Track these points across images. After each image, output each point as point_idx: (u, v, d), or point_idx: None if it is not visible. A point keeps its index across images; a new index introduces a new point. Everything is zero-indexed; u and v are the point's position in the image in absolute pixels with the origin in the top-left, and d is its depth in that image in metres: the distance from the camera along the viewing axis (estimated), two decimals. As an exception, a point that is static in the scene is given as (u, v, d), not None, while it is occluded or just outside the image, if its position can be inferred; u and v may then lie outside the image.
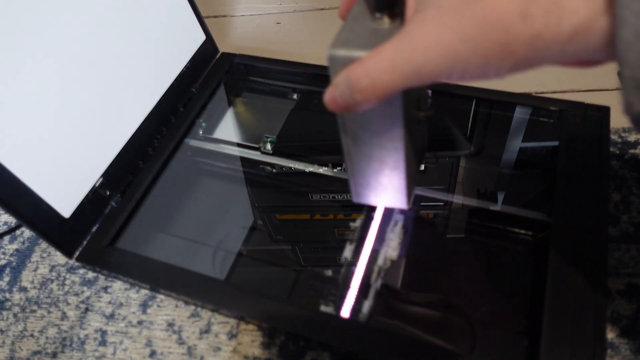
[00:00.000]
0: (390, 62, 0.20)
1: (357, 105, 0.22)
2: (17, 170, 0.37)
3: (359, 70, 0.21)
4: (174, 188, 0.51)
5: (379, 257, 0.41)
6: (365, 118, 0.27)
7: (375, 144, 0.28)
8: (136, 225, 0.46)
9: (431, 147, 0.50)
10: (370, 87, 0.21)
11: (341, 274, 0.41)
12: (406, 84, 0.21)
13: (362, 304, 0.39)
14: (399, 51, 0.20)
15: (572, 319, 0.33)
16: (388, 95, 0.21)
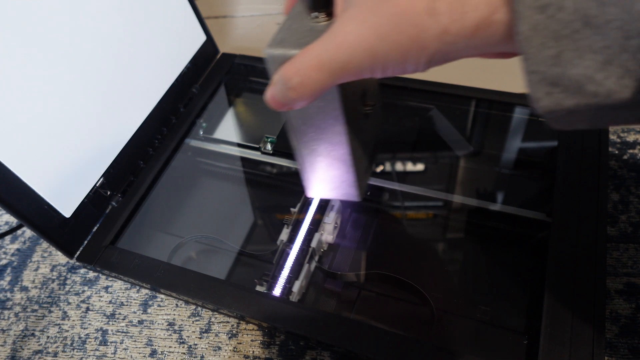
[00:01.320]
0: (318, 59, 0.21)
1: (293, 103, 0.23)
2: (18, 170, 0.37)
3: (290, 68, 0.22)
4: (174, 188, 0.51)
5: (313, 240, 0.42)
6: (307, 114, 0.27)
7: (320, 138, 0.29)
8: (137, 225, 0.46)
9: (431, 147, 0.50)
10: (301, 85, 0.22)
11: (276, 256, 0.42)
12: (335, 80, 0.22)
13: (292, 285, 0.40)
14: (324, 49, 0.21)
15: (571, 319, 0.33)
16: (320, 91, 0.22)
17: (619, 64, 0.15)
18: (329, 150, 0.30)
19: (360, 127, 0.30)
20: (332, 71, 0.21)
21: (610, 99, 0.16)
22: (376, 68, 0.20)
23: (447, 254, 0.44)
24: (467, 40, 0.19)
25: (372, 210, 0.47)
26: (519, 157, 0.48)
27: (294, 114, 0.28)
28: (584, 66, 0.16)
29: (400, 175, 0.48)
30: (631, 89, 0.16)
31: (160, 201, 0.49)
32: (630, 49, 0.15)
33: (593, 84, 0.16)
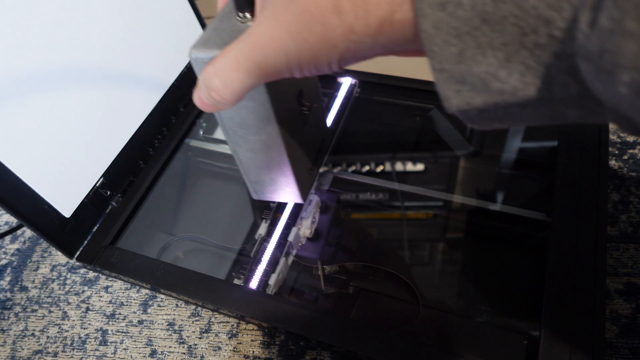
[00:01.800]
0: (234, 60, 0.21)
1: (217, 104, 0.23)
2: (18, 170, 0.37)
3: (210, 69, 0.22)
4: (174, 188, 0.51)
5: (290, 234, 0.43)
6: (240, 115, 0.27)
7: (255, 140, 0.29)
8: (137, 225, 0.46)
9: (431, 147, 0.50)
10: (221, 86, 0.22)
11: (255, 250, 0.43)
12: (254, 80, 0.21)
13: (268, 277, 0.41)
14: (240, 49, 0.21)
15: (571, 318, 0.33)
16: (241, 92, 0.22)
17: (520, 61, 0.15)
18: (265, 152, 0.29)
19: (298, 128, 0.30)
20: (250, 71, 0.21)
21: (516, 96, 0.16)
22: (292, 67, 0.20)
23: (447, 254, 0.44)
24: (373, 39, 0.18)
25: (355, 206, 0.47)
26: (519, 157, 0.48)
27: (227, 116, 0.28)
28: (487, 63, 0.16)
29: (400, 175, 0.48)
30: (534, 86, 0.16)
31: (160, 201, 0.49)
32: (528, 45, 0.15)
33: (498, 81, 0.16)
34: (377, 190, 0.48)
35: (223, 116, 0.28)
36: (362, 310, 0.40)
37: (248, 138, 0.29)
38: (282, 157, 0.29)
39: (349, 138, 0.51)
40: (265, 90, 0.25)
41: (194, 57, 0.24)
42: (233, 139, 0.29)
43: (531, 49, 0.15)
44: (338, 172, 0.49)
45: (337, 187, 0.49)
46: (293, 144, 0.30)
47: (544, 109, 0.17)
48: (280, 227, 0.44)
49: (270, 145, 0.29)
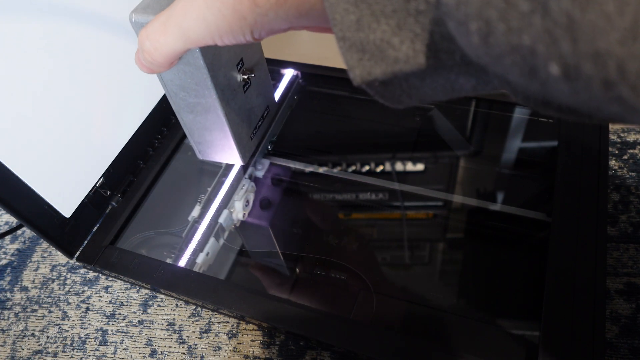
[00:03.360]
0: (163, 25, 0.22)
1: (151, 66, 0.24)
2: (18, 170, 0.37)
3: (143, 32, 0.23)
4: (174, 188, 0.51)
5: (220, 216, 0.45)
6: (179, 79, 0.29)
7: (195, 102, 0.30)
8: (137, 225, 0.46)
9: (431, 147, 0.50)
10: (152, 49, 0.23)
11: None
12: (182, 45, 0.23)
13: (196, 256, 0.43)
14: (169, 16, 0.22)
15: (571, 319, 0.33)
16: (172, 55, 0.24)
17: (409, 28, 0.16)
18: (205, 114, 0.31)
19: (238, 94, 0.32)
20: (175, 36, 0.22)
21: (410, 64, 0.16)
22: (213, 35, 0.21)
23: (447, 254, 0.44)
24: (276, 12, 0.19)
25: (355, 206, 0.47)
26: (519, 157, 0.48)
27: (168, 78, 0.29)
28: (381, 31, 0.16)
29: (400, 175, 0.48)
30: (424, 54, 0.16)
31: (160, 201, 0.49)
32: (412, 12, 0.15)
33: (392, 49, 0.16)
34: (376, 191, 0.48)
35: (164, 79, 0.29)
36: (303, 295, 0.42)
37: (188, 101, 0.30)
38: (220, 120, 0.31)
39: (349, 138, 0.51)
40: (201, 56, 0.27)
41: (133, 20, 0.26)
42: (175, 101, 0.31)
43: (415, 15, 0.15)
44: (338, 171, 0.49)
45: (337, 187, 0.49)
46: (232, 109, 0.31)
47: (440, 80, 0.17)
48: (212, 209, 0.45)
49: (209, 109, 0.30)
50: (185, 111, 0.32)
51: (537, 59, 0.12)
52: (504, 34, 0.12)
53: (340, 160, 0.49)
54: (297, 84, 0.54)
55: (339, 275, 0.42)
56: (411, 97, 0.18)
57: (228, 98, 0.30)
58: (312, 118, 0.53)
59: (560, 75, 0.12)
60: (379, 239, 0.46)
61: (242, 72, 0.31)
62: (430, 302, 0.40)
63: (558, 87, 0.12)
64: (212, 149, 0.35)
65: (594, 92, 0.11)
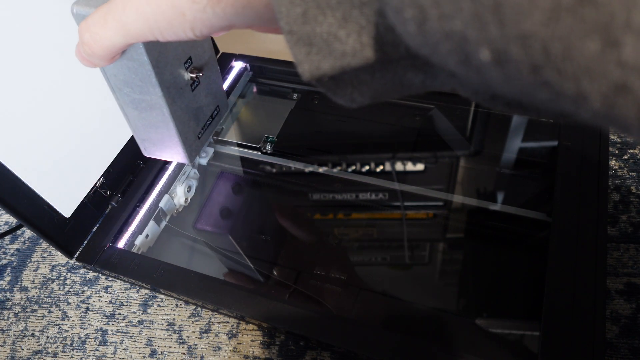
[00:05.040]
0: (103, 18, 0.22)
1: (90, 58, 0.24)
2: (18, 170, 0.37)
3: (83, 24, 0.23)
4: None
5: (161, 201, 0.46)
6: (123, 74, 0.28)
7: (139, 99, 0.30)
8: (136, 225, 0.46)
9: (431, 147, 0.50)
10: (91, 41, 0.23)
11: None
12: (123, 40, 0.22)
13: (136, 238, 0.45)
14: (109, 9, 0.21)
15: (571, 319, 0.33)
16: (111, 49, 0.23)
17: (354, 20, 0.15)
18: (150, 111, 0.30)
19: (186, 92, 0.31)
20: (115, 30, 0.21)
21: (357, 58, 0.16)
22: (153, 31, 0.21)
23: (447, 254, 0.44)
24: (213, 9, 0.19)
25: (354, 206, 0.47)
26: (519, 157, 0.48)
27: (111, 73, 0.28)
28: (327, 23, 0.16)
29: (400, 175, 0.48)
30: (370, 47, 0.16)
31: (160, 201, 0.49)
32: (356, 3, 0.15)
33: (338, 42, 0.16)
34: (376, 191, 0.48)
35: (108, 73, 0.29)
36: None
37: (133, 97, 0.30)
38: (166, 118, 0.30)
39: (350, 138, 0.51)
40: (145, 52, 0.26)
41: (75, 12, 0.25)
42: (119, 97, 0.30)
43: (360, 7, 0.15)
44: (338, 171, 0.49)
45: (337, 187, 0.49)
46: (179, 107, 0.31)
47: (389, 75, 0.17)
48: (154, 193, 0.47)
49: (154, 106, 0.30)
50: (130, 107, 0.31)
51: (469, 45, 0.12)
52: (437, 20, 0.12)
53: (340, 160, 0.49)
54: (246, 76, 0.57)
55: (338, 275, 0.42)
56: (362, 94, 0.18)
57: (174, 96, 0.30)
58: (312, 118, 0.53)
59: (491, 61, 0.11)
60: (379, 239, 0.46)
61: (190, 71, 0.31)
62: (430, 302, 0.40)
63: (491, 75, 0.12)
64: (157, 147, 0.34)
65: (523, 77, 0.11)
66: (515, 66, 0.11)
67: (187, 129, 0.32)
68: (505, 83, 0.12)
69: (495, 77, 0.12)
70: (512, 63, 0.11)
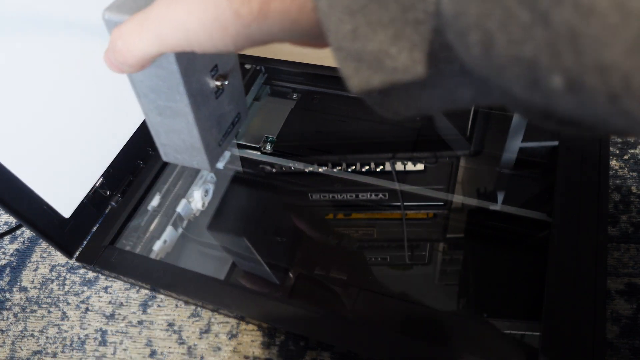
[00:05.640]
0: (138, 27, 0.22)
1: (121, 66, 0.24)
2: (18, 171, 0.37)
3: (116, 31, 0.23)
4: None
5: (178, 206, 0.46)
6: (150, 81, 0.28)
7: (164, 106, 0.30)
8: (136, 225, 0.46)
9: (431, 146, 0.50)
10: (124, 49, 0.23)
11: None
12: (157, 49, 0.22)
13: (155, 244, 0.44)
14: (145, 18, 0.21)
15: (571, 319, 0.33)
16: (144, 58, 0.23)
17: (407, 38, 0.16)
18: (174, 118, 0.31)
19: (210, 100, 0.31)
20: (150, 41, 0.21)
21: (408, 74, 0.16)
22: (192, 43, 0.21)
23: (447, 254, 0.44)
24: (258, 25, 0.19)
25: (354, 206, 0.47)
26: (519, 157, 0.48)
27: (138, 79, 0.29)
28: (378, 41, 0.16)
29: (400, 175, 0.48)
30: (423, 63, 0.16)
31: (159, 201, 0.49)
32: (410, 21, 0.15)
33: (389, 58, 0.16)
34: (376, 191, 0.48)
35: (134, 79, 0.29)
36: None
37: (158, 103, 0.30)
38: (190, 126, 0.31)
39: (349, 138, 0.51)
40: (175, 61, 0.26)
41: (107, 18, 0.25)
42: (144, 102, 0.31)
43: (414, 25, 0.15)
44: (338, 171, 0.49)
45: (337, 187, 0.49)
46: (203, 115, 0.31)
47: (439, 90, 0.17)
48: (170, 199, 0.47)
49: (179, 113, 0.30)
50: (154, 113, 0.31)
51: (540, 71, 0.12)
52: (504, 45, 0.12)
53: (340, 160, 0.49)
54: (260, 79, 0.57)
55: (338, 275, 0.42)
56: (409, 108, 0.18)
57: (199, 104, 0.30)
58: (312, 118, 0.53)
59: (564, 88, 0.11)
60: (379, 239, 0.46)
61: (216, 79, 0.31)
62: (430, 302, 0.40)
63: (561, 100, 0.12)
64: (178, 153, 0.34)
65: (598, 105, 0.11)
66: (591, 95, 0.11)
67: (209, 136, 0.32)
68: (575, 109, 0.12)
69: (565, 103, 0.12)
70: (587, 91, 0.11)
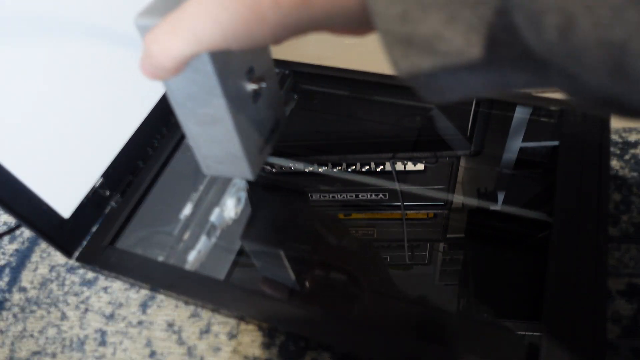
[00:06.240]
0: (172, 27, 0.21)
1: (158, 71, 0.23)
2: (17, 171, 0.37)
3: (150, 36, 0.22)
4: (174, 188, 0.51)
5: (212, 215, 0.45)
6: (187, 87, 0.27)
7: (202, 113, 0.29)
8: (136, 225, 0.46)
9: (431, 146, 0.50)
10: (160, 53, 0.22)
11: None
12: (193, 49, 0.21)
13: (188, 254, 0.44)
14: (178, 18, 0.21)
15: (572, 319, 0.33)
16: (180, 60, 0.22)
17: (463, 20, 0.15)
18: (214, 126, 0.30)
19: (248, 104, 0.30)
20: (186, 40, 0.21)
21: (462, 57, 0.16)
22: (228, 39, 0.20)
23: (447, 254, 0.44)
24: (299, 12, 0.18)
25: (354, 206, 0.47)
26: (519, 157, 0.48)
27: (175, 87, 0.28)
28: (430, 23, 0.15)
29: (400, 175, 0.48)
30: (478, 47, 0.15)
31: (159, 201, 0.49)
32: (469, 3, 0.15)
33: (443, 41, 0.16)
34: (376, 191, 0.48)
35: (171, 87, 0.28)
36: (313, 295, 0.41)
37: (196, 111, 0.29)
38: (230, 132, 0.30)
39: (349, 138, 0.51)
40: (210, 62, 0.25)
41: (140, 24, 0.24)
42: (182, 112, 0.30)
43: (473, 6, 0.15)
44: (338, 171, 0.49)
45: (337, 187, 0.49)
46: (242, 120, 0.30)
47: (491, 74, 0.16)
48: (203, 207, 0.46)
49: (219, 119, 0.29)
50: (193, 122, 0.30)
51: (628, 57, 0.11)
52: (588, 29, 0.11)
53: (340, 160, 0.49)
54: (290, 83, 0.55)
55: (339, 276, 0.42)
56: (455, 91, 0.17)
57: (238, 108, 0.29)
58: (312, 118, 0.53)
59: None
60: (379, 239, 0.46)
61: (253, 81, 0.30)
62: (430, 302, 0.40)
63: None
64: (220, 164, 0.33)
65: None
66: None
67: (250, 143, 0.32)
68: None
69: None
70: None
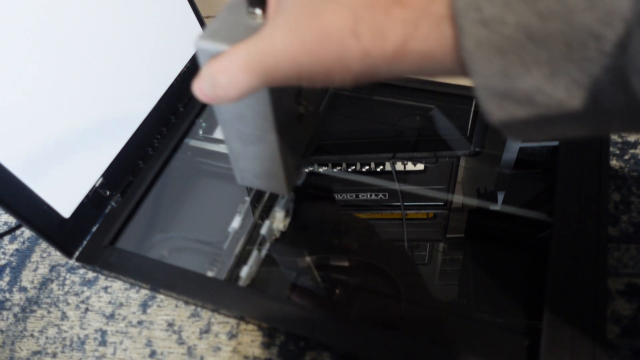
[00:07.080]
0: (245, 61, 0.21)
1: (220, 100, 0.23)
2: (17, 171, 0.37)
3: (218, 65, 0.22)
4: (174, 188, 0.51)
5: (262, 227, 0.44)
6: (238, 109, 0.28)
7: (249, 133, 0.29)
8: (136, 225, 0.46)
9: (431, 146, 0.50)
10: (227, 84, 0.22)
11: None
12: (262, 83, 0.21)
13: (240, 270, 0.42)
14: (253, 52, 0.21)
15: (572, 319, 0.33)
16: (246, 92, 0.22)
17: (566, 75, 0.15)
18: (258, 145, 0.30)
19: (293, 126, 0.31)
20: (259, 76, 0.21)
21: (561, 109, 0.16)
22: (302, 79, 0.20)
23: (447, 254, 0.44)
24: (388, 65, 0.18)
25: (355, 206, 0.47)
26: (519, 157, 0.48)
27: (225, 108, 0.28)
28: (531, 78, 0.16)
29: (400, 175, 0.48)
30: (580, 99, 0.16)
31: (159, 201, 0.49)
32: (575, 59, 0.15)
33: (543, 95, 0.16)
34: (376, 191, 0.48)
35: (221, 108, 0.28)
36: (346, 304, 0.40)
37: (243, 131, 0.29)
38: (273, 153, 0.30)
39: (349, 138, 0.51)
40: (268, 89, 0.25)
41: (202, 47, 0.23)
42: (228, 130, 0.30)
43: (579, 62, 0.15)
44: (338, 171, 0.49)
45: (337, 187, 0.49)
46: (285, 141, 0.30)
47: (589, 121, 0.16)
48: (253, 220, 0.45)
49: (264, 140, 0.29)
50: (237, 139, 0.30)
51: None
52: None
53: (340, 160, 0.49)
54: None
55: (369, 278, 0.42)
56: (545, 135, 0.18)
57: (284, 130, 0.29)
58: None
59: None
60: (379, 239, 0.45)
61: (300, 104, 0.30)
62: (430, 302, 0.40)
63: None
64: (257, 178, 0.33)
65: None
66: None
67: (289, 162, 0.32)
68: None
69: None
70: None
